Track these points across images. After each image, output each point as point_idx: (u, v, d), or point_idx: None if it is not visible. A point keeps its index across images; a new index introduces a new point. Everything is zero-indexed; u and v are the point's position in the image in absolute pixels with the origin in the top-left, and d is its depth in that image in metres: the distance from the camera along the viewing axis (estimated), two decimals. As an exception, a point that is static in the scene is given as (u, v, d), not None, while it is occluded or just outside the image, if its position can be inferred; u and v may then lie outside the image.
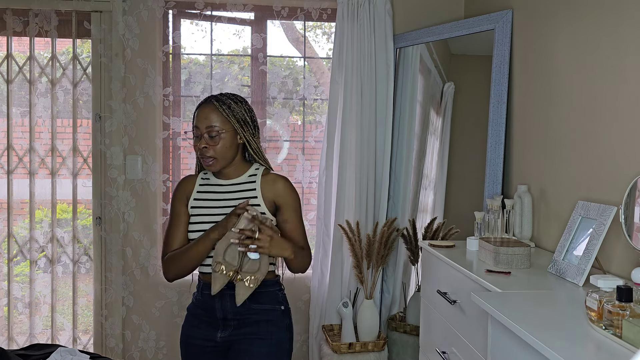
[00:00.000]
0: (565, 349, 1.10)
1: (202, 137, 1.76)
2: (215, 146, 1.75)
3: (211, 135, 1.75)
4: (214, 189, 1.84)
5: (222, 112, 1.76)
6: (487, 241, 1.96)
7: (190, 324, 1.86)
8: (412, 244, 2.94)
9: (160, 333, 3.06)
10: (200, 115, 1.78)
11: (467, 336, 1.83)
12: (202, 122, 1.76)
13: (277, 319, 1.81)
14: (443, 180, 2.99)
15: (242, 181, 1.83)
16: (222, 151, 1.76)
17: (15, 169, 3.03)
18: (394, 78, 3.03)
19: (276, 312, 1.81)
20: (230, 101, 1.79)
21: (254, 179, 1.83)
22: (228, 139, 1.77)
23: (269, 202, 1.80)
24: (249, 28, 3.20)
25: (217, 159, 1.76)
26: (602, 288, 1.27)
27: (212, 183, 1.86)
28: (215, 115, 1.76)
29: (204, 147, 1.75)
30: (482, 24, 2.67)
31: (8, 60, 2.99)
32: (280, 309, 1.82)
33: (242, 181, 1.83)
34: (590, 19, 1.97)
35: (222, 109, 1.77)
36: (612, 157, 1.83)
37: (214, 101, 1.79)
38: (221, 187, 1.84)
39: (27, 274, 3.07)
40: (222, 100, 1.79)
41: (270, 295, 1.81)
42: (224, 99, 1.79)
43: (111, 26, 2.97)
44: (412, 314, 2.89)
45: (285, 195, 1.81)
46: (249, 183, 1.82)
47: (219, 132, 1.75)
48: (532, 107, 2.37)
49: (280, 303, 1.83)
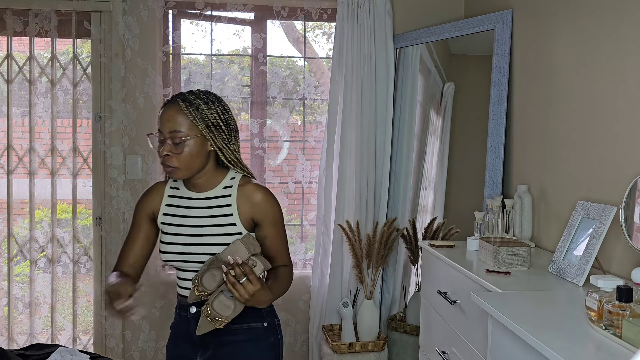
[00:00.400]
0: (565, 349, 1.10)
1: (165, 143, 1.52)
2: (179, 154, 1.51)
3: (175, 142, 1.51)
4: (184, 202, 1.63)
5: (188, 114, 1.52)
6: (487, 241, 1.96)
7: (173, 343, 1.71)
8: (412, 244, 2.94)
9: (160, 333, 3.06)
10: (163, 118, 1.54)
11: (467, 336, 1.83)
12: (165, 125, 1.52)
13: (259, 337, 1.62)
14: (443, 180, 2.99)
15: (216, 194, 1.60)
16: (186, 160, 1.52)
17: (15, 169, 3.03)
18: (394, 78, 3.03)
19: (257, 330, 1.62)
20: (199, 101, 1.55)
21: (229, 191, 1.60)
22: (194, 147, 1.53)
23: (246, 219, 1.59)
24: (249, 28, 3.20)
25: (180, 169, 1.53)
26: (602, 288, 1.27)
27: (182, 195, 1.64)
28: (181, 118, 1.52)
29: (166, 154, 1.52)
30: (482, 24, 2.67)
31: (8, 60, 2.99)
32: (262, 326, 1.63)
33: (215, 194, 1.60)
34: (590, 18, 1.97)
35: (188, 111, 1.52)
36: (612, 157, 1.83)
37: (179, 101, 1.54)
38: (192, 202, 1.62)
39: (27, 274, 3.07)
40: (190, 101, 1.54)
41: (252, 312, 1.58)
42: (192, 99, 1.54)
43: (111, 26, 2.97)
44: (412, 314, 2.89)
45: (265, 210, 1.59)
46: (223, 197, 1.60)
47: (183, 138, 1.51)
48: (532, 107, 2.37)
49: (263, 319, 1.63)
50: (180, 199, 1.64)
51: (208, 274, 1.52)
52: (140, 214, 1.69)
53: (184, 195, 1.64)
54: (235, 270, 1.45)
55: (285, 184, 3.20)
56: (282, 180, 3.20)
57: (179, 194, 1.65)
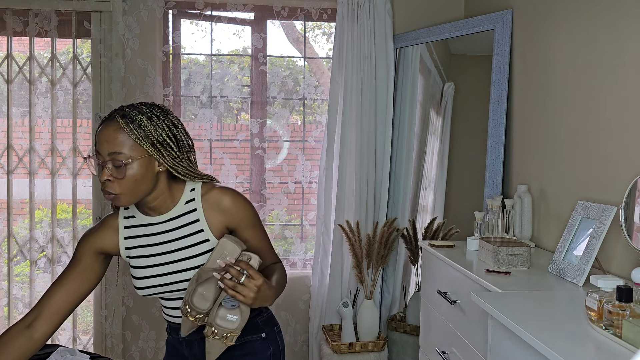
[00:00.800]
0: (565, 349, 1.10)
1: (105, 167, 1.32)
2: (121, 179, 1.31)
3: (115, 165, 1.31)
4: (145, 230, 1.44)
5: (129, 133, 1.31)
6: (487, 241, 1.96)
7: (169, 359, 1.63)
8: (412, 244, 2.94)
9: (160, 333, 3.06)
10: (101, 138, 1.32)
11: (467, 336, 1.83)
12: (104, 146, 1.31)
13: (257, 350, 1.51)
14: (443, 180, 2.99)
15: (179, 213, 1.43)
16: (130, 185, 1.32)
17: (15, 169, 3.03)
18: (394, 78, 3.04)
19: (255, 342, 1.51)
20: (141, 117, 1.33)
21: (193, 205, 1.43)
22: (139, 170, 1.32)
23: (218, 230, 1.44)
24: (249, 28, 3.20)
25: (123, 194, 1.33)
26: (602, 288, 1.27)
27: (141, 223, 1.45)
28: (121, 138, 1.31)
29: (107, 179, 1.32)
30: (482, 24, 2.67)
31: (8, 60, 2.99)
32: (260, 338, 1.52)
33: (178, 213, 1.43)
34: (590, 18, 1.97)
35: (129, 129, 1.31)
36: (612, 157, 1.83)
37: (118, 118, 1.32)
38: (154, 227, 1.44)
39: (27, 274, 3.07)
40: (130, 117, 1.32)
41: (247, 326, 1.45)
42: (133, 115, 1.33)
43: (111, 26, 2.97)
44: (412, 314, 2.89)
45: (237, 214, 1.45)
46: (188, 214, 1.42)
47: (124, 161, 1.30)
48: (532, 107, 2.37)
49: (261, 330, 1.52)
50: (140, 228, 1.45)
51: (197, 293, 1.36)
52: (82, 250, 1.46)
53: (143, 222, 1.45)
54: (231, 272, 1.32)
55: (285, 184, 3.20)
56: (282, 180, 3.20)
57: (137, 223, 1.46)
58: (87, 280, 1.46)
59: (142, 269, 1.44)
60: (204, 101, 3.11)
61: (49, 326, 1.44)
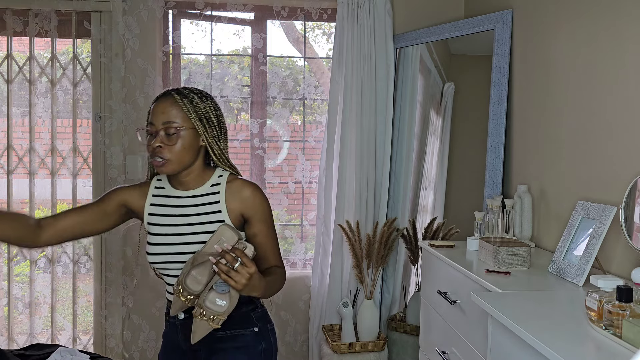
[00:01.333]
0: (565, 349, 1.10)
1: (158, 135, 1.49)
2: (172, 146, 1.49)
3: (168, 133, 1.49)
4: (170, 201, 1.57)
5: (182, 106, 1.51)
6: (487, 241, 1.96)
7: (164, 352, 1.66)
8: (412, 244, 2.94)
9: (160, 333, 3.05)
10: (156, 110, 1.52)
11: (467, 336, 1.83)
12: (159, 117, 1.50)
13: (249, 344, 1.55)
14: (443, 180, 2.99)
15: (203, 192, 1.56)
16: (179, 152, 1.50)
17: (15, 169, 3.03)
18: (394, 78, 3.03)
19: (247, 336, 1.55)
20: (193, 95, 1.54)
21: (217, 189, 1.56)
22: (187, 139, 1.51)
23: (235, 216, 1.54)
24: (249, 28, 3.20)
25: (171, 161, 1.50)
26: (602, 288, 1.27)
27: (168, 194, 1.59)
28: (175, 110, 1.50)
29: (159, 146, 1.49)
30: (482, 24, 2.67)
31: (8, 60, 2.99)
32: (253, 332, 1.56)
33: (203, 192, 1.56)
34: (590, 18, 1.97)
35: (182, 103, 1.51)
36: (612, 157, 1.83)
37: (174, 94, 1.53)
38: (179, 200, 1.57)
39: (27, 274, 3.07)
40: (184, 94, 1.53)
41: (241, 318, 1.54)
42: (186, 93, 1.54)
43: (111, 26, 2.97)
44: (412, 314, 2.89)
45: (254, 207, 1.54)
46: (211, 195, 1.56)
47: (177, 129, 1.49)
48: (532, 107, 2.37)
49: (254, 324, 1.57)
50: (166, 198, 1.59)
51: (190, 275, 1.44)
52: (110, 196, 1.61)
53: (170, 194, 1.59)
54: (226, 258, 1.38)
55: (285, 184, 3.20)
56: (282, 180, 3.20)
57: (165, 193, 1.60)
58: (100, 220, 1.59)
59: (158, 236, 1.55)
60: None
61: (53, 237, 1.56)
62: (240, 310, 1.53)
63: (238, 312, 1.51)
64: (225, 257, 1.39)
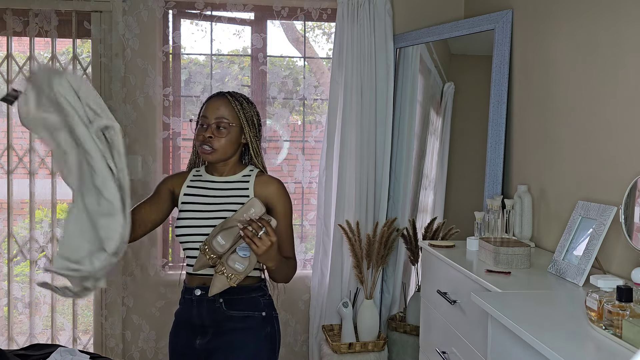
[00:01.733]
0: (565, 349, 1.10)
1: (209, 127, 1.73)
2: (220, 138, 1.72)
3: (219, 127, 1.72)
4: (205, 184, 1.79)
5: (234, 106, 1.75)
6: (487, 241, 1.96)
7: (175, 331, 1.81)
8: (412, 244, 2.94)
9: (160, 333, 3.06)
10: (211, 106, 1.76)
11: (467, 336, 1.83)
12: (213, 112, 1.74)
13: (256, 326, 1.72)
14: (443, 180, 2.99)
15: (236, 180, 1.78)
16: (226, 145, 1.73)
17: (15, 169, 3.03)
18: (394, 78, 3.04)
19: (255, 319, 1.72)
20: (242, 99, 1.80)
21: (248, 179, 1.78)
22: (233, 134, 1.74)
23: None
24: (249, 28, 3.20)
25: (217, 151, 1.72)
26: (602, 288, 1.27)
27: (205, 179, 1.81)
28: (228, 109, 1.74)
29: (210, 136, 1.72)
30: (482, 24, 2.67)
31: (8, 60, 2.99)
32: (260, 316, 1.73)
33: (235, 180, 1.78)
34: (590, 18, 1.97)
35: (234, 104, 1.76)
36: (612, 157, 1.83)
37: (227, 96, 1.78)
38: (213, 184, 1.78)
39: (27, 274, 3.07)
40: (235, 97, 1.79)
41: (251, 302, 1.72)
42: (237, 96, 1.80)
43: (111, 26, 2.97)
44: (412, 314, 2.89)
45: (278, 199, 1.75)
46: (242, 182, 1.77)
47: (228, 124, 1.73)
48: (532, 107, 2.37)
49: (261, 309, 1.74)
50: (202, 182, 1.80)
51: (217, 238, 1.61)
52: (161, 186, 1.83)
53: (206, 179, 1.80)
54: (253, 226, 1.56)
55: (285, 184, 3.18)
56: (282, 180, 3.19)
57: (201, 179, 1.81)
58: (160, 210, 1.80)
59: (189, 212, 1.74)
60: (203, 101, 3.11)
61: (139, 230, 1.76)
62: (250, 296, 1.72)
63: (248, 297, 1.71)
64: (252, 225, 1.56)
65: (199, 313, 1.71)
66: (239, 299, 1.70)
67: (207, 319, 1.70)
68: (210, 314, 1.70)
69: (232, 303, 1.69)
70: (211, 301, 1.69)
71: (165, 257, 3.14)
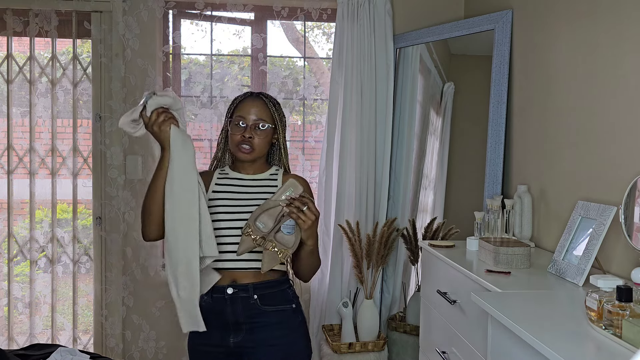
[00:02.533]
0: (565, 349, 1.10)
1: (248, 127, 1.76)
2: (260, 138, 1.77)
3: (258, 127, 1.77)
4: (233, 182, 1.82)
5: (270, 108, 1.80)
6: (487, 241, 1.96)
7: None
8: (412, 244, 2.94)
9: (161, 333, 3.06)
10: (248, 107, 1.79)
11: (467, 336, 1.83)
12: (252, 113, 1.78)
13: (289, 318, 1.77)
14: (443, 180, 2.99)
15: (264, 177, 1.83)
16: (262, 144, 1.78)
17: (16, 169, 3.03)
18: (394, 78, 3.04)
19: (287, 312, 1.77)
20: (274, 101, 1.85)
21: (275, 177, 1.83)
22: (269, 135, 1.80)
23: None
24: (249, 28, 3.20)
25: (255, 150, 1.77)
26: (602, 288, 1.27)
27: (232, 177, 1.84)
28: (265, 110, 1.79)
29: (250, 137, 1.76)
30: (482, 24, 2.67)
31: (8, 60, 2.99)
32: (291, 308, 1.78)
33: (263, 177, 1.83)
34: (590, 19, 1.97)
35: (270, 105, 1.81)
36: (612, 157, 1.83)
37: (263, 97, 1.83)
38: (242, 182, 1.82)
39: (27, 274, 3.07)
40: (270, 98, 1.84)
41: (281, 295, 1.77)
42: (270, 98, 1.85)
43: (111, 26, 2.97)
44: (412, 314, 2.89)
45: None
46: (270, 180, 1.82)
47: (270, 125, 1.79)
48: (532, 107, 2.37)
49: (291, 301, 1.79)
50: (229, 179, 1.83)
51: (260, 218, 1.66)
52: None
53: (233, 176, 1.84)
54: (295, 203, 1.63)
55: (285, 184, 3.19)
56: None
57: (228, 176, 1.84)
58: None
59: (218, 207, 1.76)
60: (204, 101, 3.12)
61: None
62: (281, 289, 1.77)
63: (279, 290, 1.76)
64: (295, 202, 1.63)
65: (233, 310, 1.72)
66: (272, 293, 1.74)
67: (242, 315, 1.71)
68: (245, 311, 1.71)
69: (266, 298, 1.72)
70: (245, 298, 1.70)
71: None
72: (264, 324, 1.72)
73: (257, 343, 1.72)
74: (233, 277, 1.72)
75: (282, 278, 1.79)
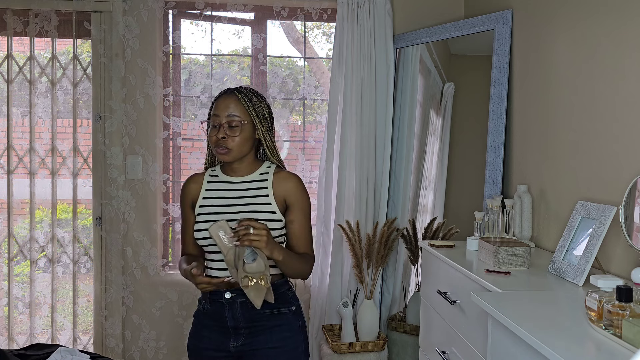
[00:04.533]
0: (565, 349, 1.10)
1: (222, 127, 1.70)
2: (234, 137, 1.69)
3: (231, 125, 1.69)
4: (223, 186, 1.77)
5: (243, 103, 1.72)
6: (487, 241, 1.96)
7: (200, 334, 1.79)
8: (412, 244, 2.94)
9: (160, 333, 3.06)
10: (221, 105, 1.72)
11: (467, 336, 1.83)
12: (223, 110, 1.71)
13: (290, 321, 1.75)
14: (443, 180, 2.99)
15: (254, 179, 1.76)
16: (240, 143, 1.70)
17: (16, 169, 3.03)
18: (394, 78, 3.04)
19: (287, 314, 1.75)
20: (251, 94, 1.76)
21: (266, 177, 1.76)
22: (247, 132, 1.71)
23: (280, 200, 1.74)
24: (249, 28, 3.20)
25: (233, 150, 1.70)
26: (602, 288, 1.27)
27: (221, 180, 1.78)
28: (237, 106, 1.71)
29: (223, 137, 1.69)
30: (482, 24, 2.67)
31: (8, 60, 2.99)
32: (291, 310, 1.76)
33: (253, 179, 1.76)
34: (590, 18, 1.97)
35: (243, 101, 1.72)
36: (612, 157, 1.83)
37: (235, 92, 1.74)
38: (231, 185, 1.77)
39: (27, 274, 3.07)
40: (244, 93, 1.75)
41: (280, 297, 1.72)
42: (246, 92, 1.75)
43: (111, 26, 2.97)
44: (412, 314, 2.89)
45: (296, 195, 1.74)
46: (260, 181, 1.76)
47: (240, 122, 1.70)
48: (532, 107, 2.37)
49: (291, 303, 1.77)
50: (219, 184, 1.78)
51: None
52: (184, 206, 1.83)
53: (223, 180, 1.78)
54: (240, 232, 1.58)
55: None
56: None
57: (218, 180, 1.79)
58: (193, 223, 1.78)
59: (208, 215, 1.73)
60: (204, 101, 3.12)
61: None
62: (280, 291, 1.72)
63: (279, 292, 1.71)
64: (239, 233, 1.58)
65: (232, 315, 1.71)
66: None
67: (242, 320, 1.70)
68: (245, 315, 1.70)
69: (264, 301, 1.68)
70: (244, 302, 1.68)
71: (165, 257, 3.14)
72: (265, 327, 1.71)
73: (257, 347, 1.71)
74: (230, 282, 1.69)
75: (281, 280, 1.76)
